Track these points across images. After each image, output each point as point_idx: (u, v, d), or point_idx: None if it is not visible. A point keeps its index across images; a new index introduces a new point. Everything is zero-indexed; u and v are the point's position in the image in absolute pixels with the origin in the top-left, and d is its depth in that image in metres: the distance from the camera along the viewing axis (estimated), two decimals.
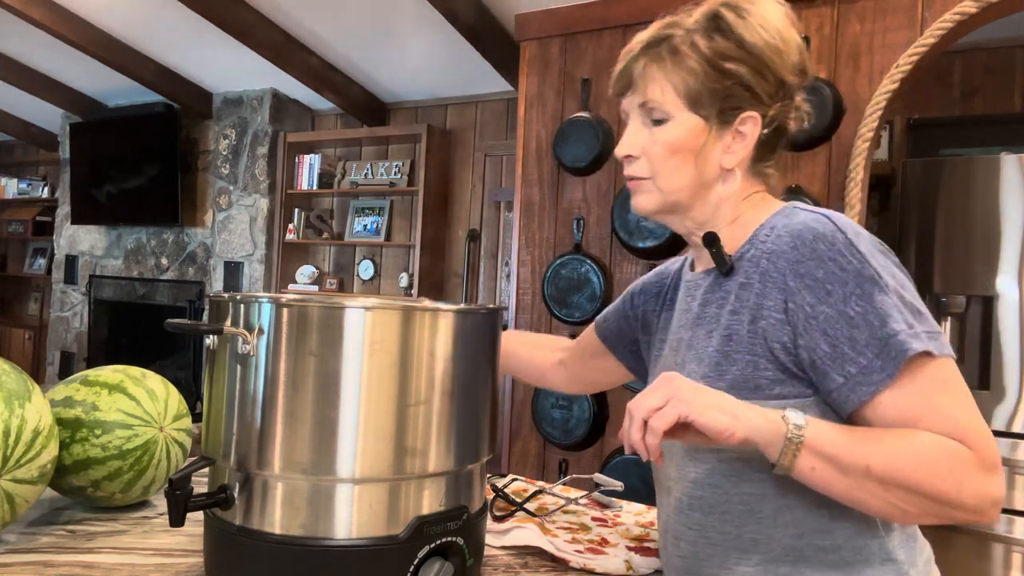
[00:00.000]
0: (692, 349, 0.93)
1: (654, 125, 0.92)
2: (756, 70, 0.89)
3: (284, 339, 0.83)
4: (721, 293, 0.91)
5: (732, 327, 0.87)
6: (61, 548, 1.01)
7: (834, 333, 0.79)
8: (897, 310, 0.78)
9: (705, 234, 0.94)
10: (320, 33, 4.28)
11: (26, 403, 0.99)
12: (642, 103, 0.93)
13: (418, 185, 4.65)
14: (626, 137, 0.95)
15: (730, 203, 0.94)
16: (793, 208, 0.90)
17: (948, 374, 0.78)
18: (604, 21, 2.79)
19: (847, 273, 0.80)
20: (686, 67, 0.89)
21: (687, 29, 0.91)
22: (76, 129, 5.89)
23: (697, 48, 0.89)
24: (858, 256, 0.80)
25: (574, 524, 1.26)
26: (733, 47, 0.88)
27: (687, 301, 0.99)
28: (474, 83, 4.52)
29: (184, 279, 5.56)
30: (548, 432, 2.79)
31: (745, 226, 0.93)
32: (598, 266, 2.73)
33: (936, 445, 0.75)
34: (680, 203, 0.94)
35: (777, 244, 0.85)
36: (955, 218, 2.69)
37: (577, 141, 2.76)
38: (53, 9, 4.34)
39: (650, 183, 0.94)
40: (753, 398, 0.83)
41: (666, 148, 0.91)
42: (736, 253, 0.91)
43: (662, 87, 0.90)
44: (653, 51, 0.92)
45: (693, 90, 0.89)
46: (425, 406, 0.85)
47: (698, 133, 0.90)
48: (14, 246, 7.22)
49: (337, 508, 0.83)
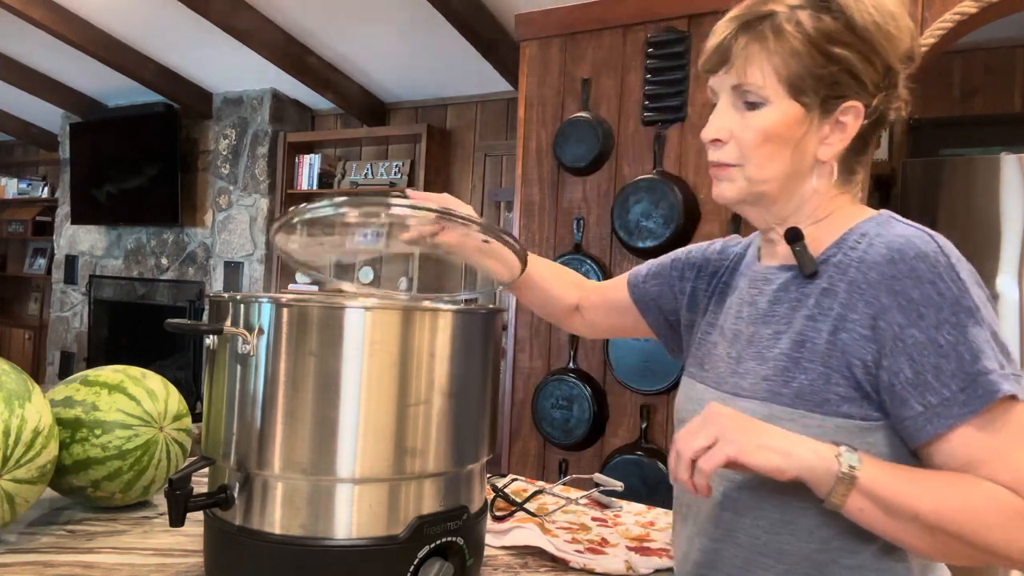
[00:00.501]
0: (753, 346, 0.89)
1: (747, 109, 0.85)
2: (864, 56, 0.82)
3: (284, 339, 0.83)
4: (796, 294, 0.86)
5: (807, 333, 0.83)
6: (61, 548, 1.01)
7: (920, 359, 0.75)
8: (990, 347, 0.75)
9: (788, 230, 0.88)
10: (320, 33, 4.28)
11: (26, 403, 0.99)
12: (736, 84, 0.85)
13: (418, 185, 4.65)
14: (714, 119, 0.87)
15: (818, 199, 0.88)
16: (888, 218, 0.85)
17: (1013, 419, 0.74)
18: (604, 21, 2.79)
19: (944, 299, 0.75)
20: (789, 48, 0.81)
21: (790, 6, 0.83)
22: (76, 129, 5.89)
23: (802, 28, 0.81)
24: (958, 283, 0.76)
25: (574, 524, 1.26)
26: (842, 29, 0.81)
27: (752, 294, 0.93)
28: (474, 83, 4.52)
29: (184, 279, 5.56)
30: (548, 432, 2.79)
31: (832, 227, 0.87)
32: (598, 266, 2.73)
33: (990, 497, 0.73)
34: (766, 194, 0.87)
35: (870, 253, 0.80)
36: (955, 218, 2.69)
37: (577, 141, 2.76)
38: (53, 9, 4.34)
39: (737, 171, 0.87)
40: (817, 413, 0.80)
41: (759, 135, 0.84)
42: (821, 255, 0.86)
43: (762, 69, 0.82)
44: (755, 28, 0.83)
45: (795, 74, 0.82)
46: (425, 406, 0.85)
47: (796, 121, 0.83)
48: (14, 246, 7.22)
49: (337, 508, 0.83)
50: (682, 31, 2.62)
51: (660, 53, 2.65)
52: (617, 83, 2.76)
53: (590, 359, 2.78)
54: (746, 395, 0.86)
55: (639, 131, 2.71)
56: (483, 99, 4.70)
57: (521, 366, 2.94)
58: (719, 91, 0.88)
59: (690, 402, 0.96)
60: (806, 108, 0.83)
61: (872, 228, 0.83)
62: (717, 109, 0.88)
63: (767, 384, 0.84)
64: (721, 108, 0.87)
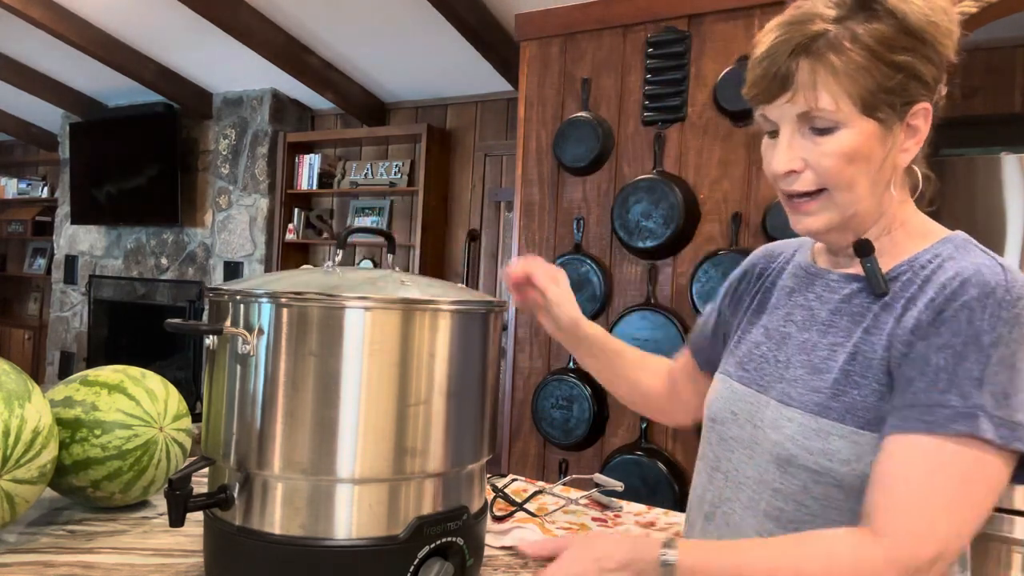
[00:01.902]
0: (805, 354, 0.87)
1: (817, 134, 0.80)
2: (926, 56, 0.78)
3: (284, 339, 0.83)
4: (859, 308, 0.84)
5: (861, 347, 0.82)
6: (61, 548, 1.01)
7: (908, 371, 0.77)
8: (977, 385, 0.73)
9: (858, 243, 0.84)
10: (320, 33, 4.28)
11: (26, 403, 0.99)
12: (804, 112, 0.79)
13: (418, 185, 4.65)
14: (784, 150, 0.82)
15: (892, 209, 0.85)
16: (965, 241, 0.83)
17: (976, 469, 0.73)
18: (604, 21, 2.79)
19: (967, 327, 0.74)
20: (855, 66, 0.77)
21: (838, 18, 0.78)
22: (76, 129, 5.89)
23: (861, 41, 0.77)
24: (995, 318, 0.74)
25: (574, 524, 1.26)
26: (899, 33, 0.77)
27: (809, 299, 0.90)
28: (474, 83, 4.52)
29: (184, 279, 5.56)
30: (548, 432, 2.79)
31: (905, 240, 0.84)
32: (598, 266, 2.73)
33: (827, 558, 0.74)
34: (857, 215, 0.83)
35: (937, 275, 0.79)
36: (955, 218, 2.69)
37: (577, 141, 2.76)
38: (53, 9, 4.34)
39: (822, 200, 0.82)
40: (867, 431, 0.79)
41: (840, 159, 0.79)
42: (891, 271, 0.83)
43: (832, 92, 0.78)
44: (813, 50, 0.78)
45: (866, 91, 0.77)
46: (425, 406, 0.85)
47: (875, 138, 0.79)
48: (14, 246, 7.22)
49: (337, 508, 0.83)
50: (682, 31, 2.62)
51: (660, 53, 2.65)
52: (617, 83, 2.76)
53: None
54: (795, 405, 0.84)
55: (639, 131, 2.71)
56: (483, 99, 4.70)
57: (521, 366, 2.94)
58: (779, 120, 0.82)
59: (728, 402, 0.94)
60: (881, 123, 0.79)
61: (947, 251, 0.81)
62: (783, 140, 0.82)
63: (817, 397, 0.83)
64: (787, 137, 0.82)
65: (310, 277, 0.88)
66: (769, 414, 0.87)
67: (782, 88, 0.80)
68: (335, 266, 0.93)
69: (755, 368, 0.92)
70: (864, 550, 0.74)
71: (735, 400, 0.93)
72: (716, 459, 0.94)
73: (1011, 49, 3.33)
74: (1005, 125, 3.27)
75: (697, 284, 2.49)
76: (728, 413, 0.93)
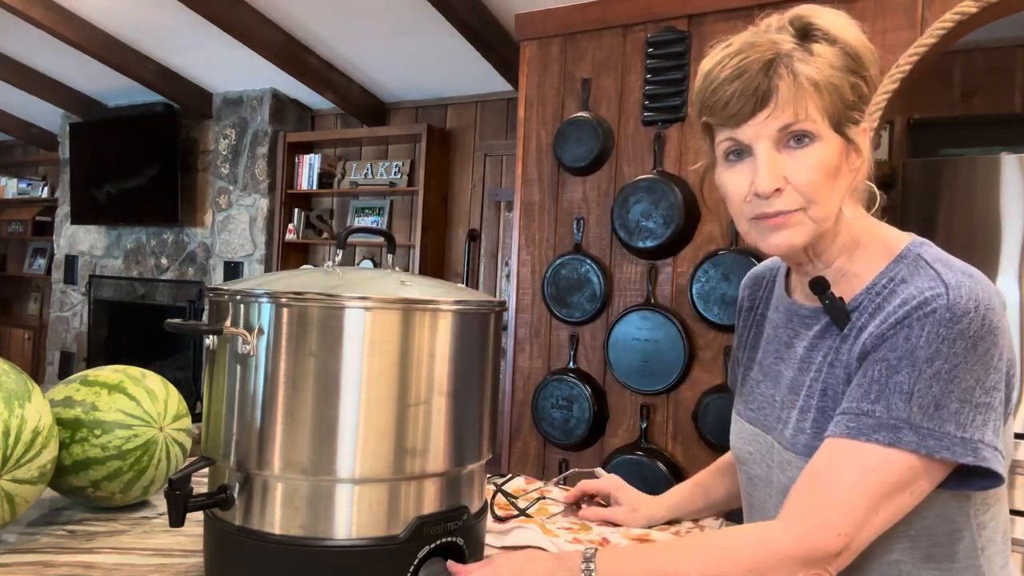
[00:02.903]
0: (794, 393, 0.89)
1: (795, 148, 0.81)
2: (866, 78, 0.82)
3: (284, 339, 0.83)
4: (829, 342, 0.86)
5: (829, 382, 0.84)
6: (61, 548, 1.01)
7: (853, 383, 0.80)
8: (906, 398, 0.75)
9: (813, 281, 0.86)
10: (320, 33, 4.28)
11: (26, 403, 0.99)
12: (787, 124, 0.80)
13: (418, 185, 4.65)
14: (767, 168, 0.81)
15: (847, 227, 0.86)
16: (918, 257, 0.83)
17: (895, 476, 0.75)
18: (604, 21, 2.79)
19: (904, 343, 0.77)
20: (826, 82, 0.79)
21: (792, 43, 0.81)
22: (76, 129, 5.89)
23: (826, 58, 0.80)
24: (932, 335, 0.75)
25: (575, 524, 1.26)
26: (844, 55, 0.81)
27: (788, 335, 0.92)
28: (474, 83, 4.52)
29: (184, 279, 5.55)
30: (548, 432, 2.79)
31: (865, 261, 0.86)
32: (598, 266, 2.73)
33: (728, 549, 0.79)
34: (826, 232, 0.84)
35: (889, 302, 0.80)
36: (955, 218, 2.69)
37: (577, 141, 2.76)
38: (53, 9, 4.34)
39: (801, 215, 0.82)
40: None
41: (821, 172, 0.81)
42: (852, 301, 0.84)
43: (816, 105, 0.80)
44: (788, 66, 0.80)
45: (835, 107, 0.80)
46: (425, 406, 0.85)
47: (842, 153, 0.82)
48: (14, 246, 7.22)
49: (337, 508, 0.83)
50: (682, 31, 2.62)
51: (660, 53, 2.65)
52: (617, 83, 2.76)
53: (590, 359, 2.78)
54: (790, 448, 0.87)
55: (639, 131, 2.71)
56: (483, 99, 4.70)
57: (521, 366, 2.94)
58: (754, 139, 0.82)
59: (744, 442, 0.97)
60: (845, 138, 0.82)
61: (901, 273, 0.82)
62: (763, 158, 0.81)
63: (804, 437, 0.85)
64: (766, 154, 0.81)
65: (310, 277, 0.88)
66: (776, 456, 0.90)
67: (762, 104, 0.80)
68: (335, 266, 0.93)
69: (758, 408, 0.95)
70: (770, 535, 0.79)
71: (749, 440, 0.96)
72: (749, 497, 0.97)
73: (1011, 49, 3.33)
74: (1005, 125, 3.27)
75: (697, 284, 2.49)
76: (747, 453, 0.96)
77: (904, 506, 0.77)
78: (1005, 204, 2.61)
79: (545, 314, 2.89)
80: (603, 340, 2.70)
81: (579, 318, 2.77)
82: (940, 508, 0.81)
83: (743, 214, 0.85)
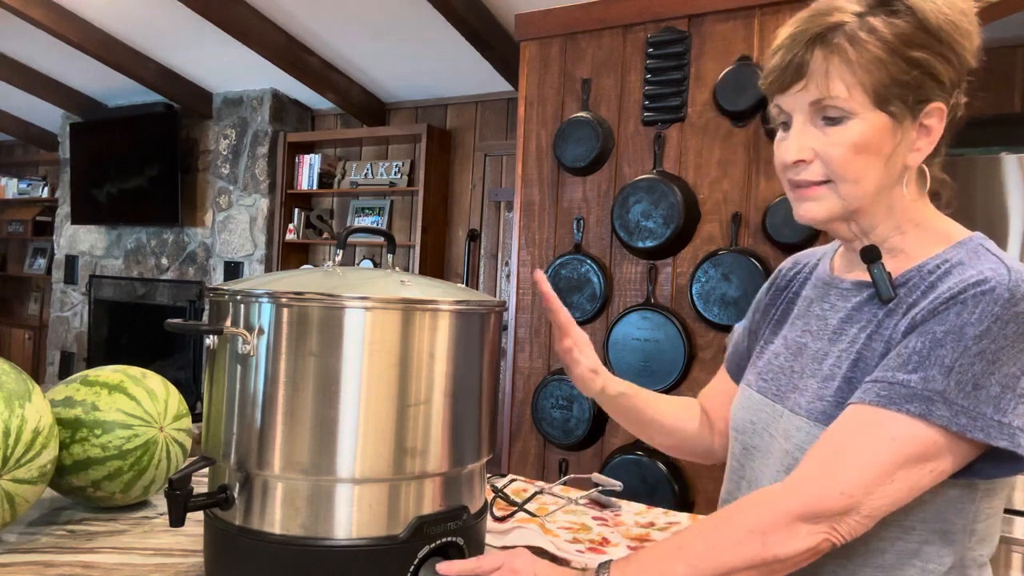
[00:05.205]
0: (817, 363, 0.88)
1: (828, 124, 0.81)
2: (943, 56, 0.79)
3: (284, 339, 0.83)
4: (868, 315, 0.84)
5: (864, 353, 0.82)
6: (61, 548, 1.01)
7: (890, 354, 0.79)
8: (946, 372, 0.74)
9: (865, 248, 0.85)
10: (320, 33, 4.28)
11: (26, 403, 0.99)
12: (816, 100, 0.81)
13: (418, 185, 4.65)
14: (795, 139, 0.83)
15: (904, 207, 0.85)
16: (979, 246, 0.82)
17: (921, 450, 0.74)
18: (604, 21, 2.79)
19: (955, 319, 0.75)
20: (870, 57, 0.78)
21: (857, 13, 0.80)
22: (76, 129, 5.89)
23: (879, 34, 0.78)
24: (985, 314, 0.74)
25: (575, 524, 1.26)
26: (917, 31, 0.79)
27: (823, 308, 0.91)
28: (474, 83, 4.52)
29: (184, 279, 5.56)
30: (548, 432, 2.79)
31: (919, 242, 0.85)
32: (598, 266, 2.73)
33: (726, 517, 0.79)
34: (860, 209, 0.84)
35: (943, 280, 0.79)
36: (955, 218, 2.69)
37: (577, 141, 2.76)
38: (53, 9, 4.34)
39: (826, 189, 0.83)
40: None
41: (849, 149, 0.80)
42: (900, 276, 0.83)
43: (845, 81, 0.79)
44: (829, 40, 0.80)
45: (879, 83, 0.79)
46: (425, 406, 0.85)
47: (886, 132, 0.80)
48: (14, 246, 7.22)
49: (337, 508, 0.83)
50: (682, 31, 2.62)
51: (660, 53, 2.65)
52: (617, 83, 2.76)
53: None
54: (802, 414, 0.85)
55: (639, 131, 2.71)
56: (483, 99, 4.70)
57: (521, 366, 2.94)
58: (792, 109, 0.84)
59: (748, 412, 0.95)
60: (893, 117, 0.80)
61: (957, 256, 0.81)
62: (794, 129, 0.84)
63: (822, 404, 0.83)
64: (799, 127, 0.83)
65: (310, 277, 0.88)
66: (782, 424, 0.88)
67: (796, 76, 0.82)
68: (335, 266, 0.93)
69: (772, 378, 0.93)
70: (768, 493, 0.79)
71: (754, 410, 0.94)
72: (740, 467, 0.96)
73: (1011, 49, 3.33)
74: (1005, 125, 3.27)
75: (697, 284, 2.49)
76: (748, 423, 0.95)
77: (921, 484, 0.75)
78: (1005, 204, 2.61)
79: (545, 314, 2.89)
80: (603, 340, 2.70)
81: (579, 318, 2.77)
82: (940, 506, 0.80)
83: (784, 181, 0.88)
